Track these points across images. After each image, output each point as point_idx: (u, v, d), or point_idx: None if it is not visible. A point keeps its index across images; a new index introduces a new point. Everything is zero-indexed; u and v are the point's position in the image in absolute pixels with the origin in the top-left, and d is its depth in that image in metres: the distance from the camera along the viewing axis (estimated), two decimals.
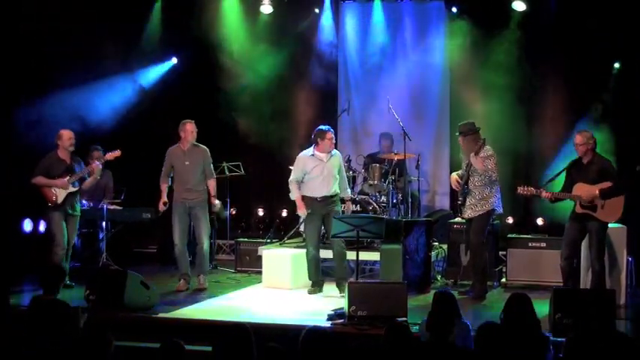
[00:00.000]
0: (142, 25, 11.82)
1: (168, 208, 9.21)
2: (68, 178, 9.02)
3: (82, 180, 9.22)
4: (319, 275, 9.04)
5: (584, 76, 10.70)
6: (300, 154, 9.09)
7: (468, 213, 8.72)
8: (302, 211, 8.92)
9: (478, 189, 8.66)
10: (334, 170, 8.93)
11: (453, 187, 9.02)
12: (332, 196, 8.92)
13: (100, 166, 9.33)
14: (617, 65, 10.83)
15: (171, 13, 11.81)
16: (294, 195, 8.95)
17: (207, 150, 9.31)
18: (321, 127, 9.01)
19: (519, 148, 10.81)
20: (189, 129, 9.17)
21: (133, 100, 11.67)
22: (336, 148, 9.26)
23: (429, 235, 9.41)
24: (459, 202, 8.83)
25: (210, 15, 11.66)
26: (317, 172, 8.87)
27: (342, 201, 9.16)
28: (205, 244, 9.21)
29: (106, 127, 10.94)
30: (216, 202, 9.37)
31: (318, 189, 8.87)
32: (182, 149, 9.21)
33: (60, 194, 9.02)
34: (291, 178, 9.00)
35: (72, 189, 9.09)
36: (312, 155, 8.93)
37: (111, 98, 11.38)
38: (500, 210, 8.86)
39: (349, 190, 9.36)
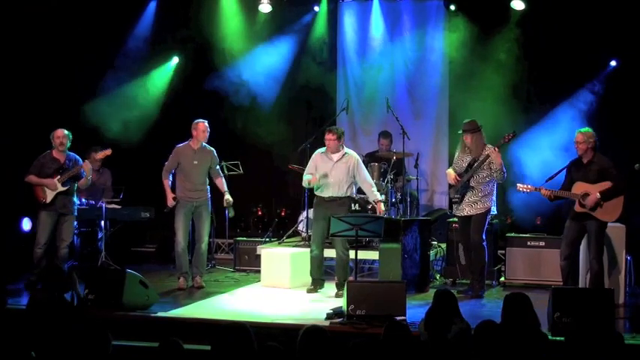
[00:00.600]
0: (140, 25, 11.82)
1: (166, 206, 9.19)
2: (58, 177, 8.96)
3: (76, 179, 9.14)
4: (321, 274, 9.01)
5: (582, 75, 10.72)
6: (316, 150, 9.06)
7: (467, 210, 8.66)
8: (315, 180, 8.71)
9: (481, 185, 8.61)
10: (345, 172, 8.79)
11: (450, 182, 8.88)
12: (340, 198, 8.81)
13: (90, 166, 9.27)
14: (614, 63, 10.83)
15: (169, 13, 11.79)
16: (308, 181, 8.84)
17: (215, 151, 9.29)
18: (330, 126, 9.02)
19: (518, 145, 10.78)
20: (201, 128, 9.12)
21: (131, 100, 11.65)
22: None
23: (428, 234, 9.40)
24: (456, 199, 8.73)
25: (208, 14, 11.64)
26: (325, 170, 8.81)
27: (357, 202, 8.97)
28: (205, 242, 9.21)
29: (105, 126, 10.91)
30: (230, 198, 9.31)
31: (325, 188, 8.82)
32: (192, 148, 9.15)
33: (49, 194, 8.95)
34: (305, 173, 8.99)
35: (61, 189, 8.95)
36: (324, 153, 8.89)
37: (110, 97, 11.37)
38: (494, 211, 8.84)
39: (377, 194, 8.99)
